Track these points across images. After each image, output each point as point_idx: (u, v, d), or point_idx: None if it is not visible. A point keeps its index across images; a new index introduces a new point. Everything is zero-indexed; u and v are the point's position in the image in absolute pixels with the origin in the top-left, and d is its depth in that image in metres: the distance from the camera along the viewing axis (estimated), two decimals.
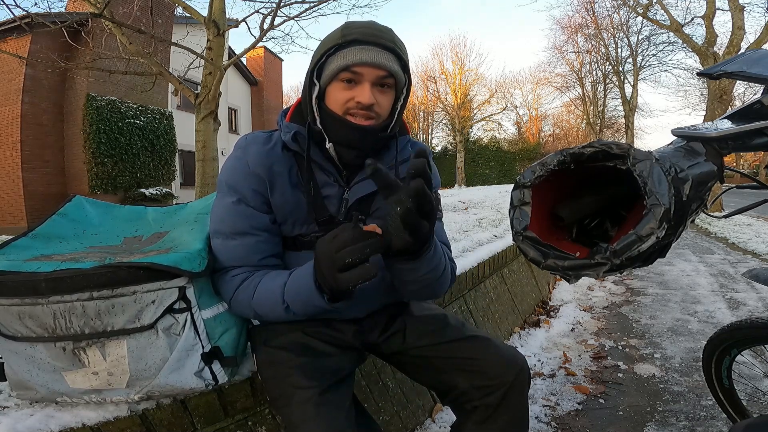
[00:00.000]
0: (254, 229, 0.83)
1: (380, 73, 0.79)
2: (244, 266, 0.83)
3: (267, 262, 0.84)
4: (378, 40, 0.78)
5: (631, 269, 0.62)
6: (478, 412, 0.84)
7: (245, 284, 0.81)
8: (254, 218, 0.83)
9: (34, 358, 0.75)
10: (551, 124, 30.34)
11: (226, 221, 0.83)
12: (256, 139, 0.86)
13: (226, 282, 0.83)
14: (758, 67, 0.67)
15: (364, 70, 0.78)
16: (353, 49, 0.78)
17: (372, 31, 0.79)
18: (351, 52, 0.77)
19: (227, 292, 0.83)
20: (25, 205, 8.36)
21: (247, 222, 0.82)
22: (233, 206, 0.82)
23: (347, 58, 0.77)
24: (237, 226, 0.82)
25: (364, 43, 0.78)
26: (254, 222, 0.83)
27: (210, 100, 5.30)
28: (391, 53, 0.79)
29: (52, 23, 4.74)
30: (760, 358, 1.45)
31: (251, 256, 0.82)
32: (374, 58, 0.77)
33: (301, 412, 0.74)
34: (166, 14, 9.28)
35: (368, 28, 0.80)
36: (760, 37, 8.00)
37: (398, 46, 0.80)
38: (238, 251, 0.82)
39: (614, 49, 19.10)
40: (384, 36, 0.79)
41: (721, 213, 3.47)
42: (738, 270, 3.74)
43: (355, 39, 0.77)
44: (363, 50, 0.77)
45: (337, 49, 0.79)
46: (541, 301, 2.85)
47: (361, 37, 0.78)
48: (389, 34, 0.81)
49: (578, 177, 0.70)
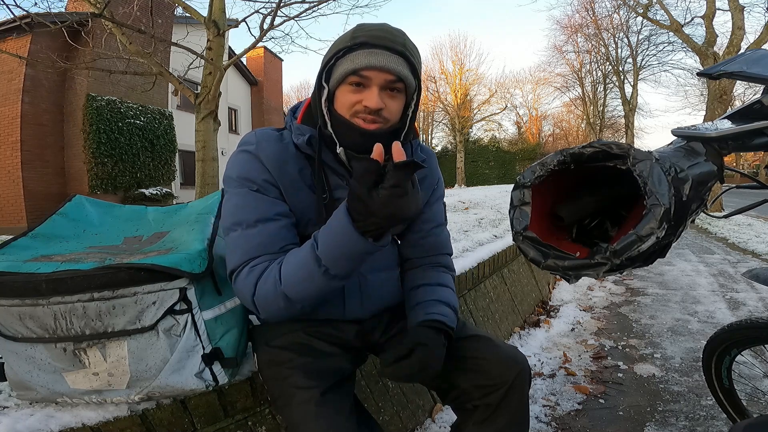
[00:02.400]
0: (277, 215, 0.79)
1: (389, 77, 0.77)
2: (264, 255, 0.76)
3: (289, 249, 0.78)
4: (388, 43, 0.76)
5: (631, 269, 0.62)
6: (478, 411, 0.84)
7: (267, 274, 0.74)
8: (275, 204, 0.79)
9: (34, 359, 0.75)
10: (551, 124, 30.40)
11: (246, 209, 0.78)
12: (267, 136, 0.83)
13: (244, 277, 0.76)
14: (758, 67, 0.67)
15: (372, 74, 0.76)
16: (362, 53, 0.76)
17: (382, 33, 0.77)
18: (359, 56, 0.76)
19: (247, 288, 0.75)
20: (25, 205, 8.35)
21: (268, 208, 0.78)
22: (251, 194, 0.78)
23: (355, 61, 0.76)
24: (259, 212, 0.77)
25: (373, 47, 0.76)
26: (276, 208, 0.79)
27: (210, 100, 5.30)
28: (401, 57, 0.77)
29: (52, 23, 4.75)
30: (760, 358, 1.45)
31: (274, 243, 0.77)
32: (382, 62, 0.75)
33: (302, 413, 0.74)
34: (166, 14, 9.28)
35: (379, 30, 0.77)
36: (760, 37, 8.01)
37: (409, 49, 0.78)
38: (260, 239, 0.76)
39: (614, 49, 19.12)
40: (394, 39, 0.77)
41: (721, 213, 3.47)
42: (738, 270, 3.74)
43: (364, 42, 0.76)
44: (372, 54, 0.75)
45: (346, 52, 0.77)
46: (541, 301, 2.85)
47: (371, 40, 0.76)
48: (401, 37, 0.78)
49: (578, 177, 0.70)
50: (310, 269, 0.70)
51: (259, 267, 0.75)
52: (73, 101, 8.96)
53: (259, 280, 0.75)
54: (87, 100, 8.81)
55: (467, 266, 1.98)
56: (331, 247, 0.68)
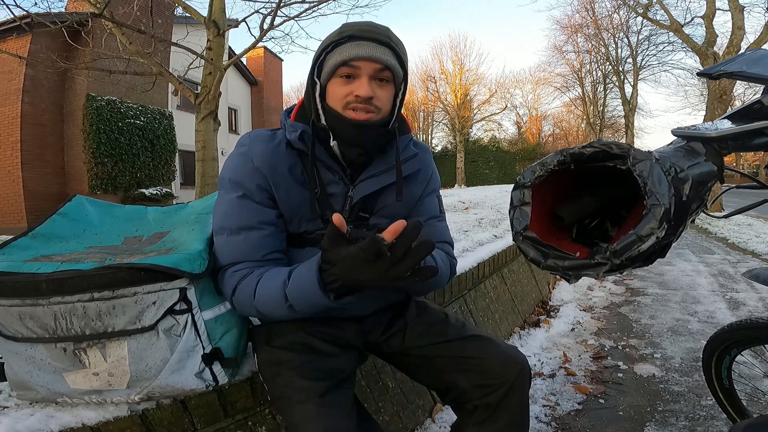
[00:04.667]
0: (260, 223, 0.82)
1: (377, 66, 0.80)
2: (247, 261, 0.81)
3: (271, 257, 0.83)
4: (374, 35, 0.80)
5: (631, 269, 0.62)
6: (478, 411, 0.84)
7: (245, 282, 0.80)
8: (260, 213, 0.82)
9: (34, 359, 0.75)
10: (551, 124, 30.38)
11: (231, 216, 0.82)
12: (260, 137, 0.86)
13: (226, 279, 0.82)
14: (758, 67, 0.67)
15: (360, 63, 0.79)
16: (350, 45, 0.79)
17: (368, 27, 0.81)
18: (347, 48, 0.79)
19: (227, 289, 0.82)
20: (25, 205, 8.35)
21: (252, 216, 0.82)
22: (238, 201, 0.82)
23: (344, 53, 0.79)
24: (242, 220, 0.81)
25: (360, 39, 0.79)
26: (260, 216, 0.82)
27: (210, 100, 5.30)
28: (387, 47, 0.81)
29: (52, 23, 4.75)
30: (760, 358, 1.45)
31: (256, 251, 0.81)
32: (370, 52, 0.79)
33: (302, 413, 0.74)
34: (166, 14, 9.27)
35: (365, 24, 0.82)
36: (760, 37, 8.01)
37: (393, 41, 0.82)
38: (243, 246, 0.81)
39: (614, 49, 19.12)
40: (380, 32, 0.81)
41: (721, 213, 3.47)
42: (738, 270, 3.74)
43: (351, 35, 0.80)
44: (359, 45, 0.79)
45: (335, 46, 0.81)
46: (541, 301, 2.85)
47: (357, 33, 0.80)
48: (386, 31, 0.82)
49: (578, 177, 0.70)
50: (279, 300, 0.76)
51: (239, 273, 0.81)
52: (73, 101, 8.96)
53: (238, 284, 0.80)
54: (87, 100, 8.81)
55: (467, 266, 1.98)
56: (297, 292, 0.73)
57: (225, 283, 0.82)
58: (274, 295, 0.76)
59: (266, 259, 0.82)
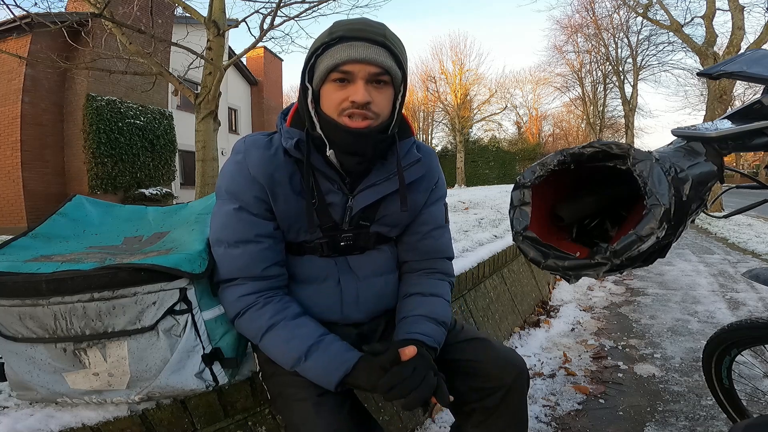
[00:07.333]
0: (258, 236, 0.80)
1: (372, 70, 0.73)
2: (247, 278, 0.80)
3: (271, 271, 0.81)
4: (367, 35, 0.73)
5: (631, 269, 0.62)
6: (476, 414, 0.84)
7: (252, 316, 0.79)
8: (257, 226, 0.80)
9: (34, 359, 0.75)
10: (551, 124, 30.40)
11: (228, 229, 0.80)
12: (256, 144, 0.81)
13: (229, 300, 0.81)
14: (758, 67, 0.67)
15: (354, 67, 0.73)
16: (341, 47, 0.73)
17: (361, 26, 0.74)
18: (338, 51, 0.73)
19: (230, 311, 0.82)
20: (25, 205, 8.35)
21: (250, 229, 0.79)
22: (235, 213, 0.79)
23: (335, 57, 0.73)
24: (240, 234, 0.79)
25: (351, 39, 0.73)
26: (257, 229, 0.80)
27: (210, 100, 5.29)
28: (382, 47, 0.74)
29: (52, 23, 4.74)
30: (760, 358, 1.45)
31: (255, 264, 0.80)
32: (363, 54, 0.72)
33: (301, 413, 0.74)
34: (166, 14, 9.27)
35: (357, 23, 0.75)
36: (760, 37, 8.01)
37: (389, 39, 0.75)
38: (242, 260, 0.79)
39: (614, 49, 19.09)
40: (374, 30, 0.74)
41: (721, 213, 3.47)
42: (738, 270, 3.74)
43: (341, 36, 0.73)
44: (351, 47, 0.73)
45: (325, 48, 0.75)
46: (541, 301, 2.85)
47: (349, 33, 0.73)
48: (380, 28, 0.75)
49: (578, 177, 0.70)
50: (285, 359, 0.77)
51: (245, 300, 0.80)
52: (73, 101, 8.96)
53: (244, 313, 0.80)
54: (87, 100, 8.81)
55: (467, 266, 1.98)
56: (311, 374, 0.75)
57: (228, 305, 0.82)
58: (285, 353, 0.77)
59: (266, 275, 0.81)
